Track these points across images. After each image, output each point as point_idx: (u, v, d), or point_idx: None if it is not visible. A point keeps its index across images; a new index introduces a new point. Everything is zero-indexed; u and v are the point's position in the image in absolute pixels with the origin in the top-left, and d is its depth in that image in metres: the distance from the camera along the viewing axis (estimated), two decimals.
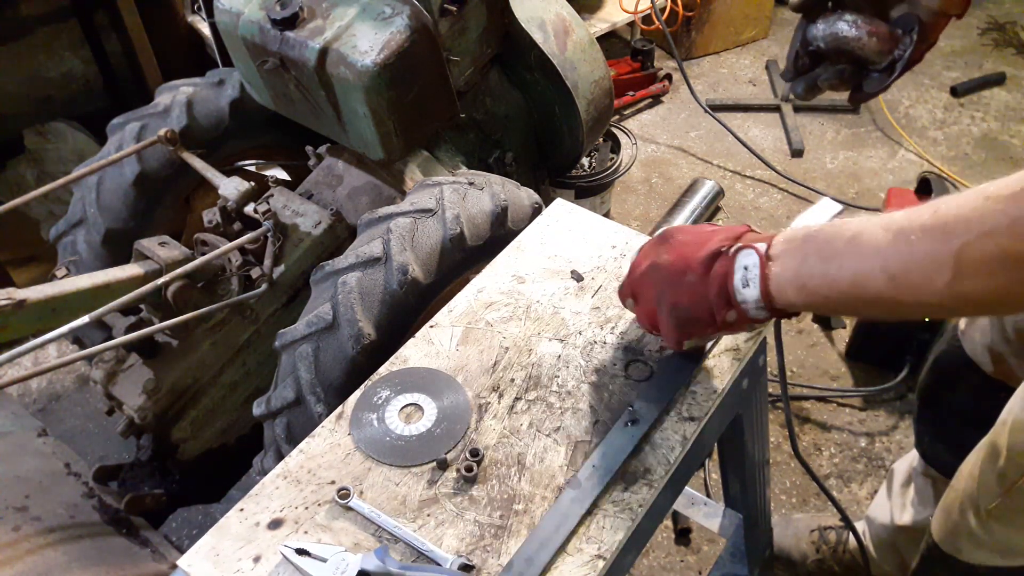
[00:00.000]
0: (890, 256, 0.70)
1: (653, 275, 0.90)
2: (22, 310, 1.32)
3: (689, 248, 0.87)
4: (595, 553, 0.84)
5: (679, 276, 0.86)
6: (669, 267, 0.88)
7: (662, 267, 0.89)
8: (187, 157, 1.72)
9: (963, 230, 0.67)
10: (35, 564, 1.22)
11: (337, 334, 1.34)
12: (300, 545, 0.83)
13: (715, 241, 0.85)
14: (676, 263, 0.87)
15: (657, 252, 0.91)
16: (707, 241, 0.86)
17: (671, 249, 0.89)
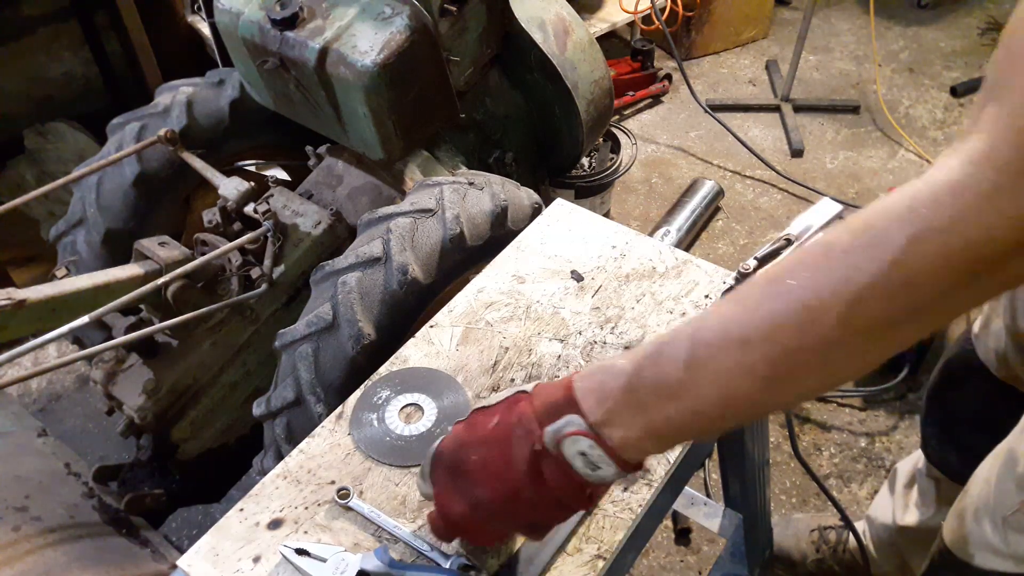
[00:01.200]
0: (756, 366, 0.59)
1: (478, 516, 0.73)
2: (22, 310, 1.32)
3: (496, 467, 0.71)
4: (595, 553, 0.84)
5: (512, 502, 0.71)
6: (494, 500, 0.72)
7: (486, 505, 0.72)
8: (187, 157, 1.72)
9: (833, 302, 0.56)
10: (35, 564, 1.22)
11: (337, 334, 1.34)
12: (300, 545, 0.83)
13: (518, 444, 0.70)
14: (498, 493, 0.71)
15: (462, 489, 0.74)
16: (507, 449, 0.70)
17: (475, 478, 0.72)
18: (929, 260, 0.54)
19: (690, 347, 0.62)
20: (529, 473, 0.69)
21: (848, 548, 1.81)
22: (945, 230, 0.53)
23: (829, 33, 3.75)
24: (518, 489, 0.70)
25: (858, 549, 1.74)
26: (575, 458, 0.67)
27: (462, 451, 0.74)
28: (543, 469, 0.69)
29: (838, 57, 3.60)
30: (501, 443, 0.71)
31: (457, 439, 0.75)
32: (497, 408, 0.73)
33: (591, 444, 0.65)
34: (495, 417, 0.73)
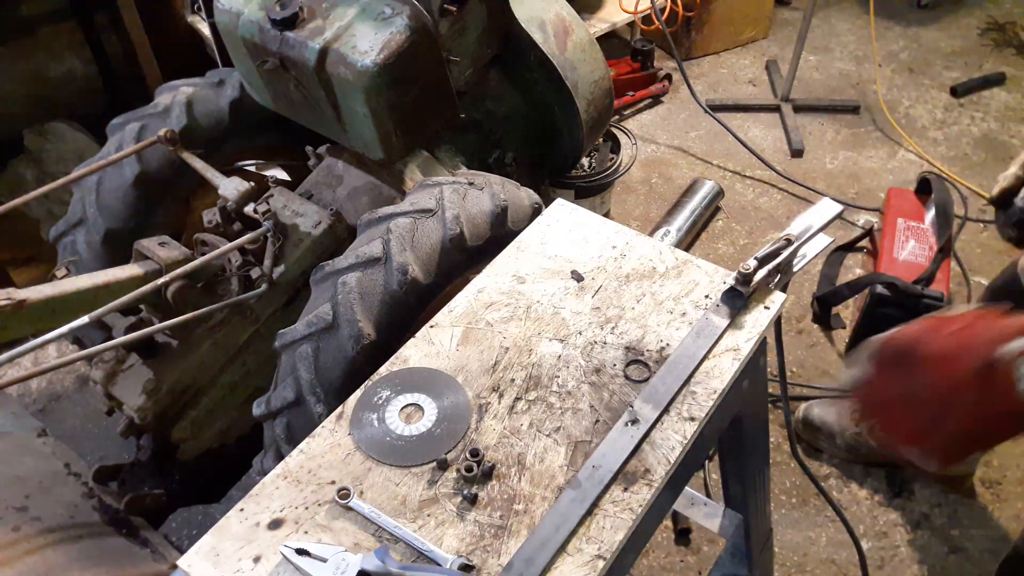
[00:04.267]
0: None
1: (912, 404, 0.78)
2: (22, 310, 1.32)
3: (947, 364, 0.75)
4: (595, 553, 0.84)
5: (951, 400, 0.75)
6: (935, 393, 0.76)
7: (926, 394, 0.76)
8: (187, 157, 1.72)
9: None
10: (35, 564, 1.22)
11: (337, 334, 1.34)
12: (300, 545, 0.83)
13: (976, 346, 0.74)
14: (941, 387, 0.75)
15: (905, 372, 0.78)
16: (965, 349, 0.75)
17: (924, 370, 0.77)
18: None
19: None
20: (978, 375, 0.73)
21: None
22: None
23: (829, 33, 3.75)
24: (963, 385, 0.73)
25: None
26: (1021, 379, 0.70)
27: (922, 339, 0.78)
28: (995, 379, 0.72)
29: (838, 57, 3.61)
30: (960, 345, 0.75)
31: (918, 330, 0.79)
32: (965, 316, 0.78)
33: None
34: (958, 323, 0.77)
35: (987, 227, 2.77)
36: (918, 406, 0.77)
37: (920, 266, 2.25)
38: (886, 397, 0.80)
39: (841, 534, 1.95)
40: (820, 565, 1.91)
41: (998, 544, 1.92)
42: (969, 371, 0.73)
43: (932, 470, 0.84)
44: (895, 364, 0.80)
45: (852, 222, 2.79)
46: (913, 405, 0.78)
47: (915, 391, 0.77)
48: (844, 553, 1.93)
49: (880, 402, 0.81)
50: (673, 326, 1.06)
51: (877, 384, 0.81)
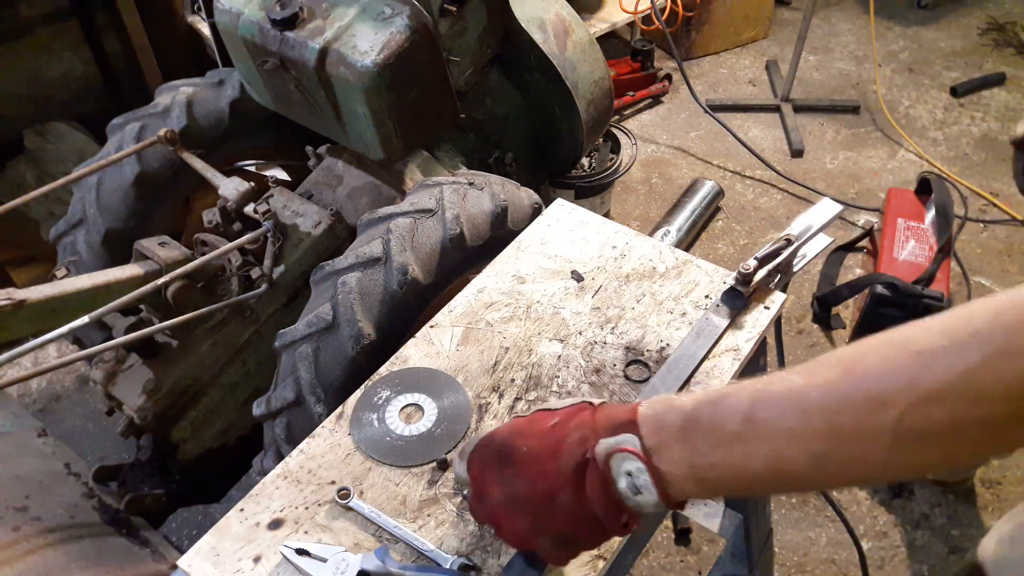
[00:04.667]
0: (809, 438, 0.60)
1: (512, 507, 0.72)
2: (22, 310, 1.32)
3: (543, 463, 0.71)
4: (595, 553, 0.84)
5: (548, 503, 0.70)
6: (531, 496, 0.71)
7: (522, 498, 0.71)
8: (187, 157, 1.72)
9: (898, 397, 0.56)
10: (35, 564, 1.22)
11: (337, 334, 1.34)
12: (300, 545, 0.83)
13: (571, 446, 0.70)
14: (537, 489, 0.70)
15: (502, 474, 0.73)
16: (559, 448, 0.70)
17: (519, 468, 0.72)
18: (1003, 382, 0.53)
19: (751, 403, 0.63)
20: (573, 477, 0.69)
21: None
22: None
23: (829, 33, 3.75)
24: (557, 489, 0.69)
25: None
26: (621, 476, 0.66)
27: (515, 439, 0.74)
28: (587, 478, 0.68)
29: (838, 57, 3.61)
30: (555, 441, 0.71)
31: (513, 428, 0.75)
32: (560, 412, 0.74)
33: (640, 468, 0.65)
34: (556, 418, 0.73)
35: (987, 227, 2.77)
36: (518, 512, 0.72)
37: (920, 266, 2.25)
38: (493, 501, 0.74)
39: (841, 534, 1.95)
40: (820, 565, 1.91)
41: None
42: (565, 470, 0.69)
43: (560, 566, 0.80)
44: (494, 465, 0.74)
45: (852, 222, 2.79)
46: (513, 512, 0.72)
47: (514, 494, 0.72)
48: (844, 553, 1.93)
49: (486, 506, 0.75)
50: (673, 326, 1.06)
51: (483, 485, 0.75)
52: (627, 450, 0.66)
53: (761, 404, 0.62)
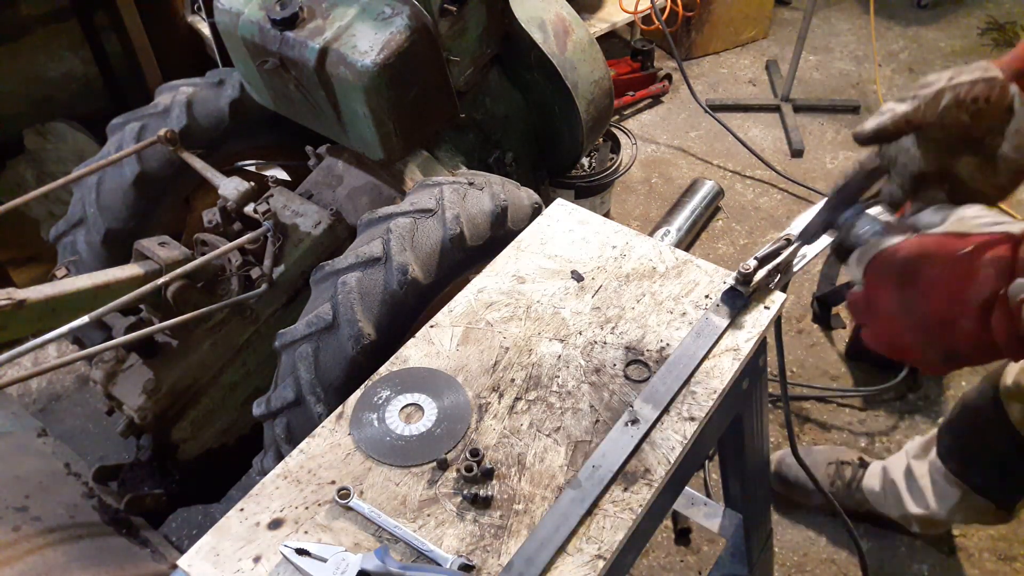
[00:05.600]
0: None
1: (908, 317, 0.75)
2: (22, 310, 1.32)
3: (950, 289, 0.71)
4: (595, 553, 0.84)
5: (948, 326, 0.72)
6: (932, 317, 0.73)
7: (918, 311, 0.74)
8: (187, 157, 1.72)
9: None
10: (35, 564, 1.22)
11: (337, 334, 1.34)
12: (300, 545, 0.83)
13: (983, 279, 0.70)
14: (940, 312, 0.72)
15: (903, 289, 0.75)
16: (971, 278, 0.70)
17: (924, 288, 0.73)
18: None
19: None
20: (980, 310, 0.69)
21: (861, 487, 1.89)
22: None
23: (829, 33, 3.75)
24: (961, 316, 0.70)
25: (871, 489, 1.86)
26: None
27: (923, 260, 0.73)
28: (995, 311, 0.69)
29: (838, 57, 3.61)
30: (966, 271, 0.70)
31: (921, 247, 0.75)
32: (975, 239, 0.72)
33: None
34: (969, 245, 0.72)
35: None
36: (908, 326, 0.75)
37: None
38: (880, 309, 0.77)
39: (841, 534, 1.95)
40: (820, 565, 1.91)
41: (998, 544, 1.92)
42: (973, 302, 0.69)
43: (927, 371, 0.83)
44: (891, 279, 0.76)
45: None
46: (908, 323, 0.75)
47: (912, 310, 0.74)
48: (844, 553, 1.93)
49: (872, 311, 0.78)
50: (673, 326, 1.06)
51: (872, 296, 0.78)
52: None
53: None
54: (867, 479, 1.89)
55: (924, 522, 1.78)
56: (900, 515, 1.81)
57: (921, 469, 1.73)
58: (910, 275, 0.74)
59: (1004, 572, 1.88)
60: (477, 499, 0.88)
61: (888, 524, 1.91)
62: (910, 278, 0.74)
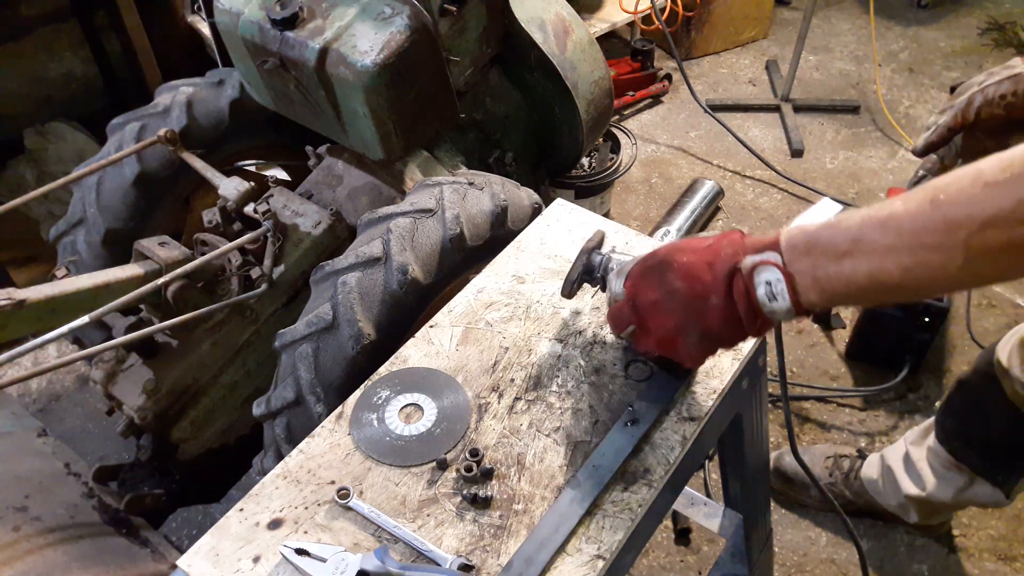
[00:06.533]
0: (901, 252, 0.73)
1: (668, 304, 0.87)
2: (22, 310, 1.32)
3: (699, 270, 0.85)
4: (595, 553, 0.84)
5: (701, 301, 0.85)
6: (687, 293, 0.86)
7: (678, 294, 0.86)
8: (187, 157, 1.72)
9: (966, 221, 0.68)
10: (35, 564, 1.22)
11: (337, 334, 1.34)
12: (300, 545, 0.83)
13: (724, 257, 0.84)
14: (693, 289, 0.85)
15: (662, 279, 0.88)
16: (714, 259, 0.85)
17: (679, 274, 0.87)
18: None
19: (859, 226, 0.75)
20: (724, 282, 0.83)
21: (859, 476, 1.92)
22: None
23: (829, 33, 3.75)
24: (710, 291, 0.84)
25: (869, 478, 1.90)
26: (760, 284, 0.81)
27: (676, 253, 0.88)
28: (734, 284, 0.83)
29: (838, 57, 3.60)
30: (711, 254, 0.85)
31: (672, 246, 0.90)
32: (713, 236, 0.88)
33: (779, 277, 0.79)
34: (710, 240, 0.87)
35: None
36: (670, 311, 0.88)
37: None
38: (642, 303, 0.90)
39: (841, 534, 1.95)
40: (820, 565, 1.91)
41: (998, 544, 1.92)
42: (719, 276, 0.83)
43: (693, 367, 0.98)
44: (651, 274, 0.90)
45: None
46: (666, 310, 0.88)
47: (670, 295, 0.87)
48: (844, 553, 1.93)
49: (636, 308, 0.91)
50: None
51: (635, 295, 0.91)
52: (769, 262, 0.80)
53: (867, 227, 0.75)
54: (865, 469, 1.91)
55: (921, 507, 1.78)
56: (898, 503, 1.82)
57: (919, 454, 1.74)
58: (667, 265, 0.88)
59: (1004, 572, 1.88)
60: (477, 499, 0.88)
61: (887, 518, 1.91)
62: (668, 267, 0.88)
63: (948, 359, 2.33)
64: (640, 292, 0.91)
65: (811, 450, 2.03)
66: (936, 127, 1.04)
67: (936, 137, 1.05)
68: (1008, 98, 0.99)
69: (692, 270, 0.86)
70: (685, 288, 0.86)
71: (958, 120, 1.03)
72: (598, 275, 1.02)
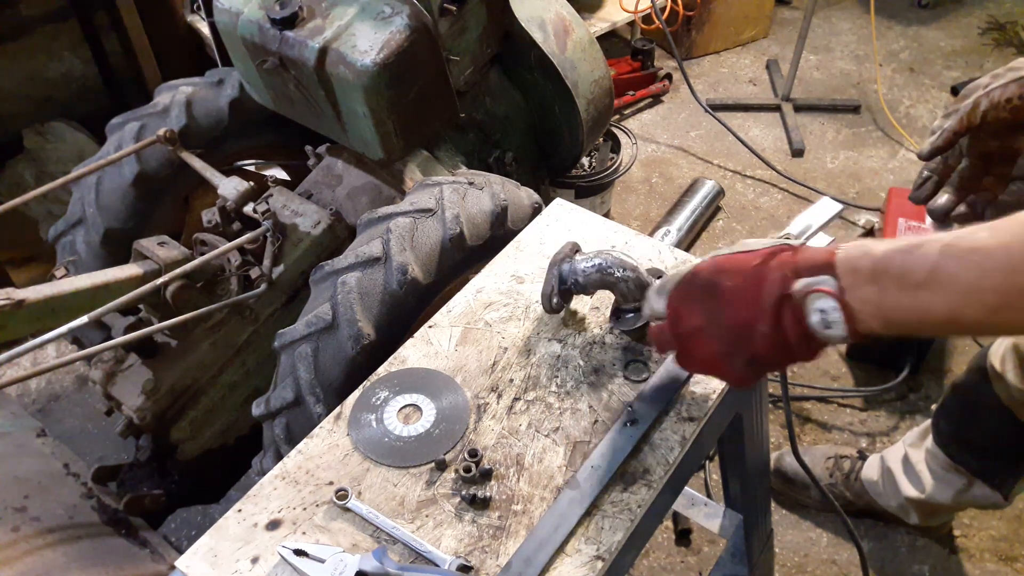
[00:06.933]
0: (987, 292, 0.67)
1: (712, 329, 0.83)
2: (21, 310, 1.32)
3: (746, 296, 0.80)
4: (594, 554, 0.84)
5: (747, 329, 0.80)
6: (733, 322, 0.81)
7: (723, 322, 0.81)
8: (186, 157, 1.72)
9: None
10: (34, 564, 1.22)
11: (336, 334, 1.34)
12: (298, 546, 0.83)
13: (772, 282, 0.78)
14: (739, 316, 0.80)
15: (706, 304, 0.83)
16: (761, 283, 0.79)
17: (723, 300, 0.81)
18: None
19: (939, 255, 0.68)
20: (772, 310, 0.77)
21: (859, 478, 1.91)
22: None
23: (830, 33, 3.75)
24: (757, 319, 0.78)
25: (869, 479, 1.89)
26: (814, 312, 0.75)
27: (720, 275, 0.82)
28: (784, 311, 0.77)
29: (839, 57, 3.60)
30: (758, 279, 0.79)
31: (717, 266, 0.84)
32: (762, 252, 0.82)
33: (835, 307, 0.74)
34: (758, 259, 0.81)
35: None
36: (716, 336, 0.83)
37: None
38: (685, 328, 0.86)
39: (842, 534, 1.95)
40: (821, 566, 1.91)
41: (999, 544, 1.91)
42: (766, 304, 0.78)
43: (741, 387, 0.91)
44: (694, 298, 0.85)
45: (853, 222, 2.78)
46: (711, 335, 0.83)
47: (714, 322, 0.82)
48: (845, 554, 1.93)
49: (679, 333, 0.87)
50: None
51: (677, 317, 0.87)
52: (823, 290, 0.74)
53: (948, 258, 0.68)
54: (865, 470, 1.90)
55: (921, 508, 1.78)
56: (898, 504, 1.81)
57: (917, 456, 1.74)
58: (711, 289, 0.83)
59: (1005, 572, 1.87)
60: (475, 500, 0.88)
61: (888, 519, 1.91)
62: (711, 292, 0.83)
63: (949, 359, 2.33)
64: (683, 317, 0.86)
65: (812, 451, 2.02)
66: (941, 131, 1.03)
67: (942, 142, 1.04)
68: (1014, 101, 0.98)
69: (738, 296, 0.80)
70: (730, 316, 0.81)
71: (963, 124, 1.02)
72: (570, 285, 1.00)
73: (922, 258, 0.69)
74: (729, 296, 0.81)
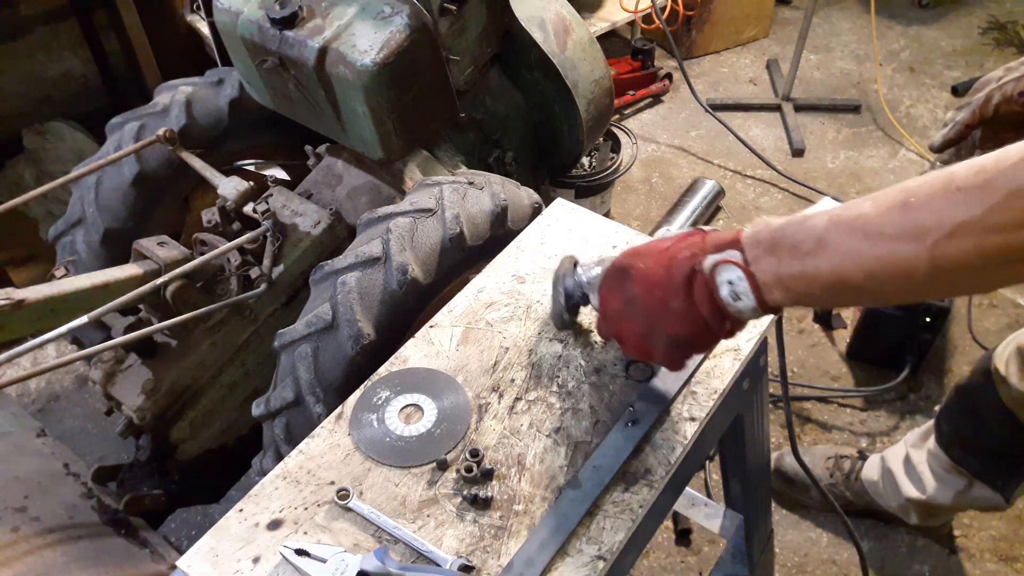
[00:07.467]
0: (864, 256, 0.70)
1: (631, 312, 0.86)
2: (21, 310, 1.32)
3: (657, 274, 0.83)
4: (595, 554, 0.84)
5: (661, 306, 0.83)
6: (646, 300, 0.84)
7: (638, 302, 0.85)
8: (186, 157, 1.71)
9: (935, 226, 0.66)
10: (34, 565, 1.22)
11: (336, 334, 1.33)
12: (299, 546, 0.83)
13: (681, 260, 0.81)
14: (652, 294, 0.83)
15: (623, 287, 0.87)
16: (671, 262, 0.82)
17: (636, 280, 0.85)
18: (1019, 217, 0.63)
19: (827, 225, 0.73)
20: (684, 285, 0.81)
21: (860, 478, 1.91)
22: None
23: (830, 32, 3.75)
24: (670, 296, 0.82)
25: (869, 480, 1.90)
26: (723, 285, 0.78)
27: (635, 259, 0.86)
28: (695, 286, 0.80)
29: (839, 56, 3.60)
30: (668, 258, 0.83)
31: (632, 251, 0.88)
32: (672, 237, 0.86)
33: (740, 276, 0.77)
34: (670, 242, 0.85)
35: None
36: (636, 317, 0.86)
37: None
38: (611, 313, 0.90)
39: (842, 535, 1.95)
40: (821, 565, 1.91)
41: (999, 544, 1.91)
42: (677, 280, 0.81)
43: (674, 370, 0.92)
44: (615, 284, 0.89)
45: None
46: (632, 317, 0.86)
47: (632, 303, 0.86)
48: (845, 553, 1.93)
49: (607, 318, 0.91)
50: None
51: (605, 306, 0.91)
52: (730, 261, 0.78)
53: (833, 227, 0.73)
54: (866, 470, 1.90)
55: (922, 509, 1.78)
56: (898, 505, 1.81)
57: (919, 456, 1.74)
58: (627, 273, 0.87)
59: (1005, 573, 1.87)
60: (477, 500, 0.88)
61: (888, 519, 1.91)
62: (627, 275, 0.86)
63: (949, 359, 2.33)
64: (606, 303, 0.90)
65: (812, 451, 2.02)
66: (954, 124, 1.04)
67: (954, 134, 1.05)
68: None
69: (649, 275, 0.84)
70: (643, 294, 0.84)
71: (976, 117, 1.03)
72: (577, 299, 1.00)
73: (811, 228, 0.74)
74: (643, 277, 0.85)
